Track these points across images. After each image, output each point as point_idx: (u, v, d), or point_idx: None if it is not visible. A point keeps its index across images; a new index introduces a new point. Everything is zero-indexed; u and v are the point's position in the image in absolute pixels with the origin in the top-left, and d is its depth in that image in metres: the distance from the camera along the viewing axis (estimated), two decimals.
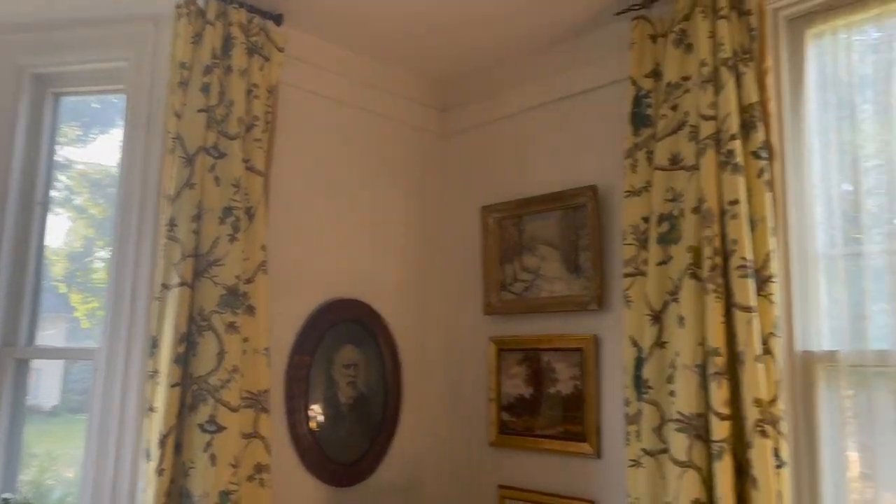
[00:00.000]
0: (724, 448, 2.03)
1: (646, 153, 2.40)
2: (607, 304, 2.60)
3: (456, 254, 3.16)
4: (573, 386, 2.63)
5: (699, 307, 2.16)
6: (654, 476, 2.21)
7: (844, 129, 2.18)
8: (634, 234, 2.39)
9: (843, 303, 2.12)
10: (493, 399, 2.87)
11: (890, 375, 1.98)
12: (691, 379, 2.13)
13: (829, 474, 2.10)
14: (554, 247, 2.77)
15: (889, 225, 2.04)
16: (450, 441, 3.05)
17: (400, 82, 3.15)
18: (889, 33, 2.11)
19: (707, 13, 2.26)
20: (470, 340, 3.02)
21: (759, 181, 2.14)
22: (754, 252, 2.11)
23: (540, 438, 2.70)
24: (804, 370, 2.18)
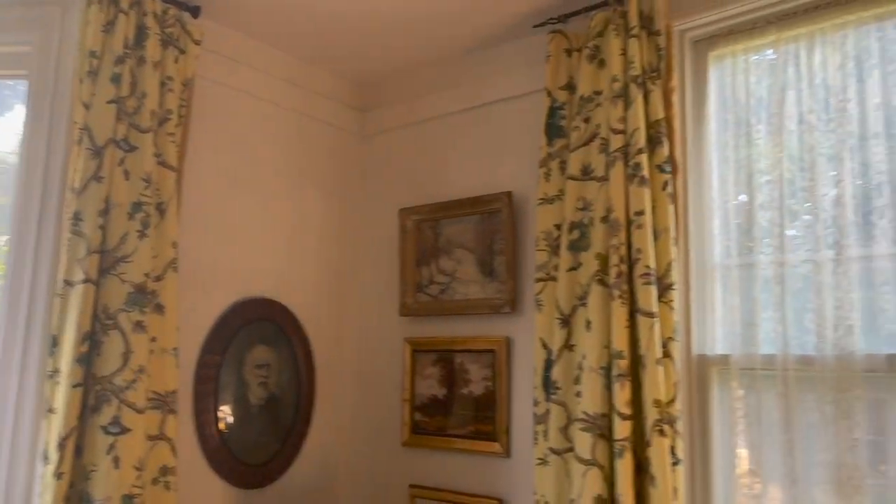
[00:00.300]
0: (625, 447, 2.13)
1: (559, 163, 2.49)
2: (520, 308, 2.67)
3: (373, 255, 3.17)
4: (485, 387, 2.70)
5: (605, 312, 2.26)
6: (560, 474, 2.30)
7: (741, 147, 2.33)
8: (547, 241, 2.47)
9: (736, 310, 2.27)
10: (407, 399, 2.90)
11: (776, 378, 2.13)
12: (596, 380, 2.23)
13: (720, 471, 2.23)
14: (470, 250, 2.83)
15: (778, 238, 2.20)
16: (363, 441, 3.05)
17: (321, 81, 3.13)
18: (783, 59, 2.27)
19: (619, 31, 2.36)
20: (385, 341, 3.04)
21: (663, 194, 2.26)
22: (657, 261, 2.22)
23: (452, 438, 2.75)
24: (699, 373, 2.32)
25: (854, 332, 2.02)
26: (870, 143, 2.09)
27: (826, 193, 2.13)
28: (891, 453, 1.94)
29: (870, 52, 2.12)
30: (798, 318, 2.14)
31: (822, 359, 2.05)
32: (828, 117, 2.16)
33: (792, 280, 2.16)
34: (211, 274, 2.66)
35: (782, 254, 2.18)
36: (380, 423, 3.01)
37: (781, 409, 2.11)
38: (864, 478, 1.95)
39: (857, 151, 2.10)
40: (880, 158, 2.06)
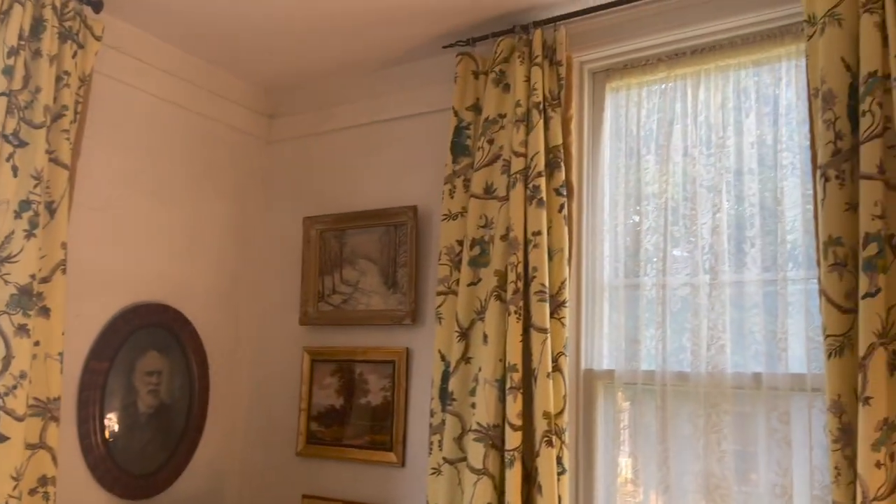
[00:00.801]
0: (515, 456, 2.22)
1: (463, 181, 2.57)
2: (420, 320, 2.72)
3: (275, 263, 3.14)
4: (383, 397, 2.73)
5: (502, 326, 2.34)
6: (453, 483, 2.36)
7: (631, 174, 2.49)
8: (449, 256, 2.54)
9: (622, 327, 2.41)
10: (304, 409, 2.89)
11: (655, 392, 2.28)
12: (491, 392, 2.31)
13: (602, 479, 2.36)
14: (374, 262, 2.86)
15: (661, 261, 2.36)
16: (256, 451, 3.01)
17: (227, 84, 3.09)
18: (672, 95, 2.45)
19: (524, 59, 2.47)
20: (284, 350, 3.02)
21: (559, 216, 2.38)
22: (551, 279, 2.33)
23: (347, 448, 2.76)
24: (586, 386, 2.44)
25: (725, 351, 2.19)
26: (745, 178, 2.28)
27: (705, 222, 2.30)
28: (755, 464, 2.12)
29: (747, 94, 2.32)
30: (677, 337, 2.30)
31: (697, 375, 2.22)
32: (709, 151, 2.34)
33: (672, 301, 2.32)
34: (102, 277, 2.56)
35: (665, 276, 2.34)
36: (275, 432, 2.97)
37: (659, 421, 2.26)
38: (731, 486, 2.11)
39: (734, 184, 2.29)
40: (753, 192, 2.26)
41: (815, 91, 2.00)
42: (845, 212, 1.90)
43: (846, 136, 1.93)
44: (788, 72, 2.25)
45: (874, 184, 1.84)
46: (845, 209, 1.90)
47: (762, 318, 2.17)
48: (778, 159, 2.23)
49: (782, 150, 2.22)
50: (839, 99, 1.94)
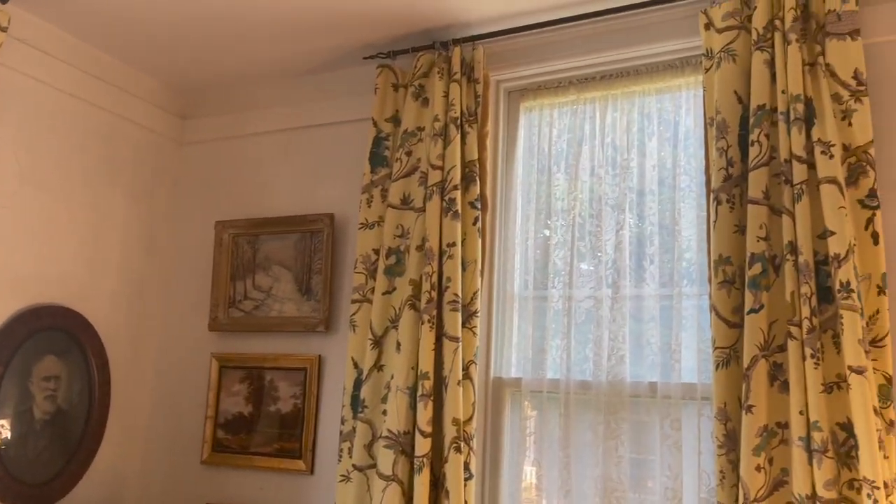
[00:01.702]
0: (424, 462, 2.26)
1: (381, 191, 2.61)
2: (334, 327, 2.73)
3: (184, 266, 3.07)
4: (293, 404, 2.72)
5: (415, 335, 2.39)
6: (362, 490, 2.38)
7: (542, 191, 2.59)
8: (365, 264, 2.57)
9: (529, 338, 2.51)
10: (211, 416, 2.83)
11: (560, 400, 2.38)
12: (402, 400, 2.35)
13: (507, 484, 2.44)
14: (288, 268, 2.85)
15: (568, 275, 2.46)
16: (159, 460, 2.93)
17: (137, 82, 3.00)
18: (581, 117, 2.57)
19: (443, 75, 2.54)
20: (191, 356, 2.95)
21: (473, 228, 2.45)
22: (464, 289, 2.40)
23: (255, 456, 2.73)
24: (495, 394, 2.52)
25: (625, 361, 2.32)
26: (646, 198, 2.42)
27: (609, 238, 2.43)
28: (649, 468, 2.25)
29: (650, 119, 2.47)
30: (580, 347, 2.41)
31: (598, 384, 2.33)
32: (614, 172, 2.48)
33: (577, 313, 2.43)
34: None
35: (571, 289, 2.45)
36: (179, 440, 2.90)
37: (562, 428, 2.36)
38: (627, 490, 2.23)
39: (636, 204, 2.42)
40: (653, 212, 2.40)
41: (711, 120, 2.16)
42: (734, 233, 2.06)
43: (737, 164, 2.09)
44: (688, 101, 2.41)
45: (760, 208, 2.01)
46: (734, 231, 2.06)
47: (658, 330, 2.30)
48: (676, 182, 2.38)
49: (680, 173, 2.37)
50: (731, 129, 2.11)
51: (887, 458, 1.82)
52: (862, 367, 1.80)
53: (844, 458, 1.85)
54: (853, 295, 1.84)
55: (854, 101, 1.98)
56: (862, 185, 1.96)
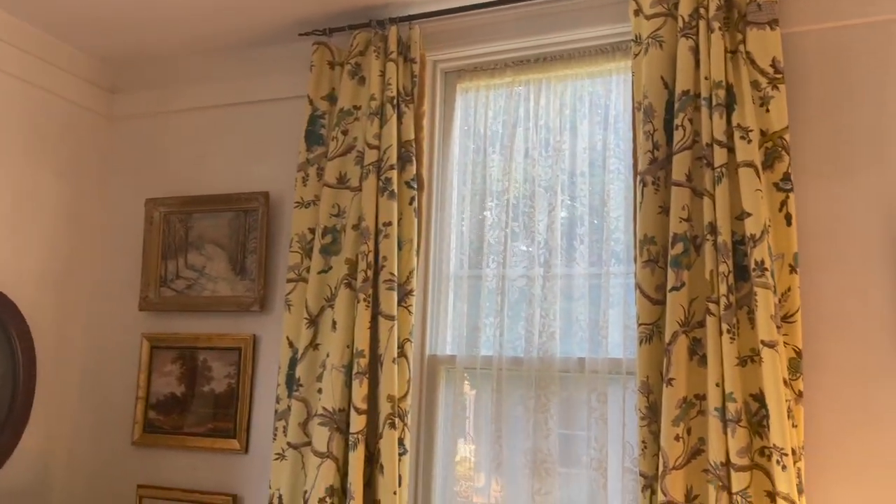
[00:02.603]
0: (359, 439, 2.29)
1: (317, 169, 2.60)
2: (269, 307, 2.72)
3: (114, 245, 3.00)
4: (227, 384, 2.70)
5: (350, 314, 2.40)
6: (296, 468, 2.39)
7: (478, 171, 2.63)
8: (300, 243, 2.56)
9: (464, 316, 2.55)
10: (142, 397, 2.79)
11: (492, 376, 2.44)
12: (338, 378, 2.37)
13: (441, 458, 2.49)
14: (222, 247, 2.81)
15: (502, 254, 2.51)
16: (88, 441, 2.87)
17: (62, 54, 2.89)
18: (516, 99, 2.61)
19: (379, 54, 2.53)
20: (121, 336, 2.89)
21: (409, 208, 2.47)
22: (400, 269, 2.42)
23: (188, 436, 2.70)
24: (430, 371, 2.56)
25: (555, 338, 2.39)
26: (577, 180, 2.48)
27: (542, 219, 2.48)
28: (577, 440, 2.33)
29: (582, 103, 2.53)
30: (513, 325, 2.47)
31: (529, 360, 2.39)
32: (547, 154, 2.53)
33: (511, 292, 2.48)
34: None
35: (504, 268, 2.50)
36: (109, 421, 2.85)
37: (494, 403, 2.41)
38: (556, 462, 2.31)
39: (568, 186, 2.48)
40: (584, 193, 2.46)
41: (639, 104, 2.23)
42: (658, 214, 2.14)
43: (662, 147, 2.17)
44: (618, 85, 2.48)
45: (683, 190, 2.09)
46: (658, 212, 2.14)
47: (587, 308, 2.38)
48: (606, 164, 2.45)
49: (610, 156, 2.44)
50: (657, 113, 2.18)
51: (796, 427, 1.94)
52: (773, 342, 1.91)
53: (756, 427, 1.95)
54: (767, 273, 1.94)
55: (771, 89, 2.08)
56: (777, 168, 2.06)
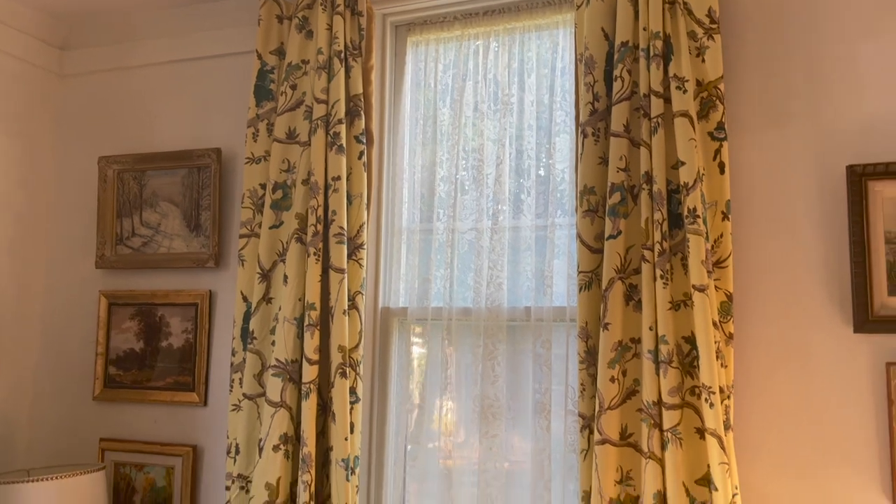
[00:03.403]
0: (311, 388, 2.35)
1: (267, 125, 2.60)
2: (224, 263, 2.75)
3: (68, 203, 3.00)
4: (185, 339, 2.74)
5: (301, 267, 2.44)
6: (252, 417, 2.45)
7: (428, 126, 2.65)
8: (252, 199, 2.58)
9: (416, 269, 2.60)
10: (101, 353, 2.82)
11: (442, 326, 2.50)
12: (290, 330, 2.42)
13: (394, 405, 2.56)
14: (176, 204, 2.82)
15: (452, 208, 2.55)
16: (50, 398, 2.90)
17: (11, 11, 2.84)
18: (465, 52, 2.62)
19: (326, 7, 2.52)
20: (78, 294, 2.91)
21: (358, 162, 2.49)
22: (350, 223, 2.46)
23: (148, 390, 2.75)
24: (383, 322, 2.62)
25: (502, 288, 2.45)
26: (525, 133, 2.52)
27: (490, 172, 2.52)
28: (522, 385, 2.40)
29: (530, 56, 2.54)
30: (463, 277, 2.52)
31: (478, 310, 2.45)
32: (495, 108, 2.55)
33: (460, 244, 2.53)
34: None
35: (454, 221, 2.54)
36: (70, 378, 2.88)
37: (445, 352, 2.48)
38: (503, 406, 2.39)
39: (515, 140, 2.52)
40: (531, 147, 2.50)
41: (581, 56, 2.25)
42: (598, 165, 2.18)
43: (602, 98, 2.20)
44: (564, 38, 2.50)
45: (621, 141, 2.13)
46: (598, 162, 2.18)
47: (533, 258, 2.44)
48: (553, 117, 2.48)
49: (556, 109, 2.47)
50: (598, 65, 2.21)
51: (725, 367, 2.02)
52: (704, 286, 1.98)
53: (688, 367, 2.04)
54: (699, 220, 2.00)
55: (707, 39, 2.11)
56: (712, 118, 2.10)
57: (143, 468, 2.70)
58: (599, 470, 2.03)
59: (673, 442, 1.96)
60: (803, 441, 2.03)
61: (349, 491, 2.29)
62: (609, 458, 2.04)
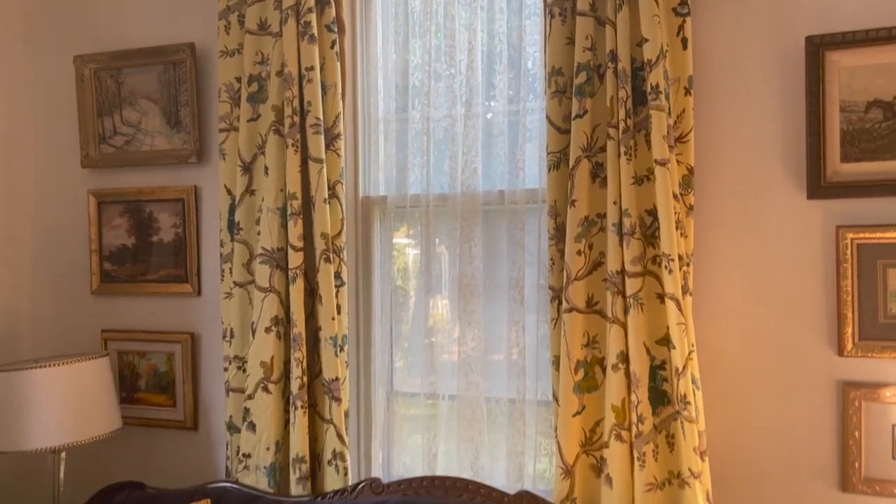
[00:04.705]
0: (297, 274, 2.47)
1: (238, 16, 2.60)
2: (206, 158, 2.80)
3: (47, 105, 3.01)
4: (175, 234, 2.84)
5: (281, 159, 2.51)
6: (244, 303, 2.59)
7: (400, 14, 2.65)
8: (228, 93, 2.62)
9: (393, 157, 2.67)
10: (95, 250, 2.93)
11: (421, 213, 2.59)
12: (274, 220, 2.51)
13: (378, 288, 2.70)
14: (154, 101, 2.85)
15: (426, 95, 2.59)
16: (49, 295, 3.03)
17: None
18: None
19: None
20: (67, 194, 2.98)
21: (331, 52, 2.51)
22: (325, 113, 2.50)
23: (143, 283, 2.88)
24: (364, 211, 2.71)
25: (477, 173, 2.52)
26: (496, 17, 2.52)
27: (462, 58, 2.54)
28: (497, 265, 2.53)
29: None
30: (439, 164, 2.60)
31: (454, 196, 2.54)
32: None
33: (436, 132, 2.59)
34: None
35: (429, 109, 2.59)
36: (67, 276, 3.00)
37: (424, 237, 2.59)
38: (479, 284, 2.52)
39: (486, 23, 2.53)
40: (503, 30, 2.51)
41: None
42: (566, 45, 2.22)
43: None
44: None
45: (587, 20, 2.16)
46: (566, 43, 2.22)
47: (507, 143, 2.50)
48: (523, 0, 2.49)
49: None
50: None
51: (685, 237, 2.14)
52: (665, 160, 2.06)
53: (650, 238, 2.15)
54: (661, 96, 2.06)
55: None
56: None
57: (145, 355, 2.87)
58: (567, 336, 2.19)
59: (635, 307, 2.10)
60: (757, 302, 2.18)
61: (339, 366, 2.46)
62: (576, 325, 2.19)
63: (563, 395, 2.20)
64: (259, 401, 2.49)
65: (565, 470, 2.19)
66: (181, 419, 2.82)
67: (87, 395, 2.53)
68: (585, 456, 2.22)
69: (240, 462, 2.52)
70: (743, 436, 2.18)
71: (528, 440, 2.45)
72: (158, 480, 2.63)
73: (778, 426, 2.15)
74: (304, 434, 2.44)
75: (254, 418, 2.49)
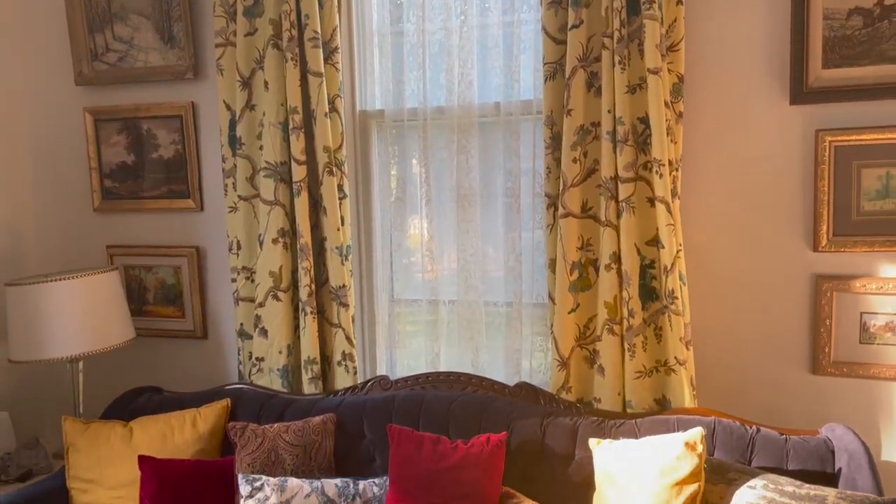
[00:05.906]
0: (301, 187, 2.56)
1: None
2: (203, 73, 2.82)
3: (37, 22, 2.98)
4: (175, 150, 2.88)
5: (280, 73, 2.55)
6: (249, 216, 2.68)
7: None
8: (223, 7, 2.62)
9: (389, 71, 2.72)
10: (95, 168, 2.96)
11: (418, 126, 2.66)
12: (276, 134, 2.58)
13: (378, 199, 2.79)
14: (146, 17, 2.84)
15: (421, 9, 2.62)
16: (53, 213, 3.07)
17: None
18: None
19: None
20: (64, 113, 2.99)
21: None
22: (323, 26, 2.53)
23: (145, 200, 2.93)
24: (362, 125, 2.77)
25: (473, 85, 2.59)
26: None
27: None
28: (494, 174, 2.63)
29: None
30: (435, 77, 2.66)
31: (451, 108, 2.62)
32: None
33: (431, 45, 2.64)
34: None
35: (424, 22, 2.63)
36: (69, 194, 3.04)
37: (421, 149, 2.67)
38: (476, 194, 2.63)
39: None
40: None
41: None
42: None
43: None
44: None
45: None
46: None
47: (501, 55, 2.56)
48: None
49: None
50: None
51: (675, 143, 2.26)
52: (657, 69, 2.16)
53: (641, 145, 2.27)
54: (654, 6, 2.14)
55: None
56: None
57: (152, 269, 2.96)
58: (563, 239, 2.32)
59: (627, 210, 2.24)
60: (741, 204, 2.33)
61: (345, 273, 2.58)
62: (572, 229, 2.32)
63: (559, 295, 2.36)
64: (270, 308, 2.61)
65: (561, 362, 2.37)
66: (191, 328, 2.94)
67: (102, 306, 2.64)
68: (580, 349, 2.40)
69: (253, 365, 2.66)
70: (724, 326, 2.37)
71: (525, 339, 2.62)
72: (172, 387, 2.77)
73: (756, 317, 2.34)
74: (315, 338, 2.59)
75: (265, 324, 2.62)
